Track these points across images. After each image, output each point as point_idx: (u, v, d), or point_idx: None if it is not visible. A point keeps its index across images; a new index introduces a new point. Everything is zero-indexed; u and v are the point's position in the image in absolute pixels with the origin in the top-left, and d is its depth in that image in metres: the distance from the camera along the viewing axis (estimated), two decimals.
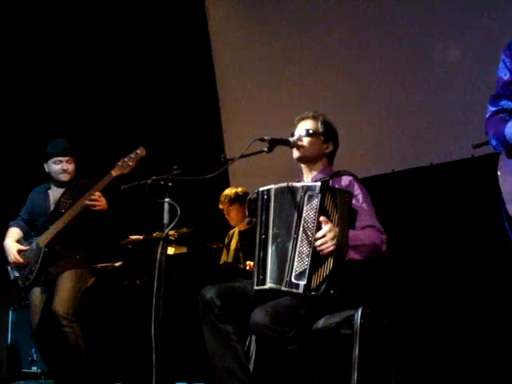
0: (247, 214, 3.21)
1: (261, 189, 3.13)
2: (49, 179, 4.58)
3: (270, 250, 3.01)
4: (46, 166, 4.52)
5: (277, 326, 2.74)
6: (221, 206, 5.00)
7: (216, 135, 6.05)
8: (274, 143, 3.11)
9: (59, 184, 4.52)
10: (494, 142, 2.57)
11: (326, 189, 2.92)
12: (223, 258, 4.99)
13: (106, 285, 5.11)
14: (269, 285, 2.96)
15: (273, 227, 3.03)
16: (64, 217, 4.26)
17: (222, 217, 5.05)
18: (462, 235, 4.54)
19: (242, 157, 2.98)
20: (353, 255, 2.91)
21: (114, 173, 4.13)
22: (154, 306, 2.87)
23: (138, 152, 4.08)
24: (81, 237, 4.42)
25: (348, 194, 2.99)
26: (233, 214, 4.95)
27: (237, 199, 4.93)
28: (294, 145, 3.21)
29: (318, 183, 2.94)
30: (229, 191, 4.99)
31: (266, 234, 3.04)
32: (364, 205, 3.07)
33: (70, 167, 4.50)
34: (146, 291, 3.06)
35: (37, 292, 4.38)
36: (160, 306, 2.88)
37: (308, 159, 3.26)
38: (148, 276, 4.75)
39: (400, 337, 3.51)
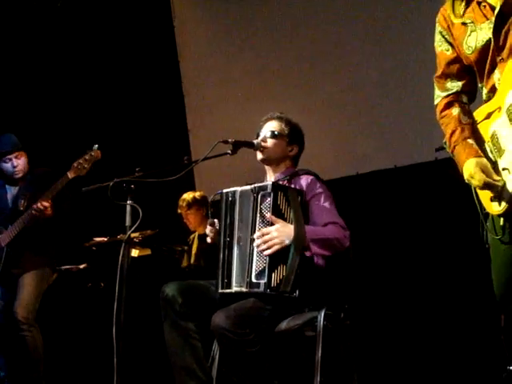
0: (210, 216, 3.20)
1: (224, 190, 3.11)
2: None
3: (235, 253, 3.00)
4: None
5: (237, 328, 2.74)
6: (179, 211, 4.97)
7: (182, 136, 6.02)
8: (237, 145, 3.10)
9: (13, 181, 4.41)
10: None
11: (277, 187, 2.95)
12: (184, 263, 4.97)
13: (70, 287, 5.05)
14: (234, 289, 2.96)
15: (237, 230, 3.02)
16: (24, 216, 4.17)
17: None
18: (424, 236, 4.59)
19: (205, 159, 2.97)
20: (316, 249, 2.94)
21: (70, 175, 4.05)
22: (115, 309, 2.84)
23: (93, 154, 4.00)
24: (42, 236, 4.33)
25: (298, 191, 3.03)
26: (191, 218, 4.93)
27: (194, 203, 4.91)
28: (258, 147, 3.20)
29: (270, 182, 2.99)
30: (186, 195, 4.96)
31: (231, 236, 3.03)
32: (326, 203, 3.07)
33: (20, 162, 4.36)
34: (109, 293, 3.02)
35: None
36: (122, 309, 2.85)
37: (272, 161, 3.25)
38: (112, 278, 4.73)
39: (363, 338, 3.54)
